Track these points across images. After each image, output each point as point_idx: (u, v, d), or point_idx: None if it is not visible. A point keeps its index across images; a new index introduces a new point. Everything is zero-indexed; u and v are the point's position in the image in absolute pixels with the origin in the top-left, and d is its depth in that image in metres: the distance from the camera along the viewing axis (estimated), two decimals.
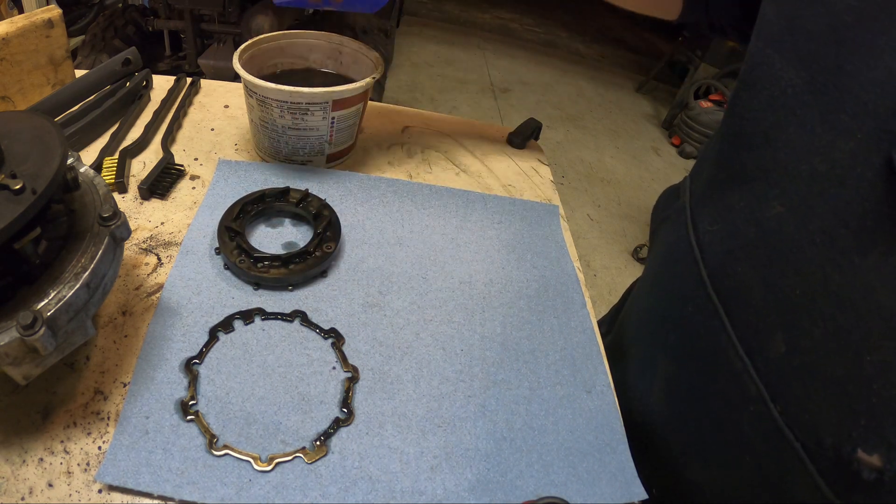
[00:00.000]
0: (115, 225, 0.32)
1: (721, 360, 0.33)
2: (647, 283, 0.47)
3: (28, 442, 0.32)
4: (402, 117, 0.69)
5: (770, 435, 0.29)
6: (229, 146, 0.58)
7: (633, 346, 0.46)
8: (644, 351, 0.44)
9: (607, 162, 2.60)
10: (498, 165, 0.64)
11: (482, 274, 0.48)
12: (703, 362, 0.36)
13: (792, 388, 0.28)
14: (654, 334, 0.43)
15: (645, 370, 0.43)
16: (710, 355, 0.34)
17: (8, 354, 0.27)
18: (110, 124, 0.56)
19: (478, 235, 0.52)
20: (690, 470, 0.38)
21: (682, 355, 0.38)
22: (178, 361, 0.37)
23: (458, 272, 0.48)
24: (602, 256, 2.03)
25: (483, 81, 3.05)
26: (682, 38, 3.06)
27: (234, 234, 0.45)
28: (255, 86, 0.49)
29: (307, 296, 0.43)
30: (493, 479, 0.35)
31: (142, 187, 0.49)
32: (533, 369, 0.42)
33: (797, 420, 0.28)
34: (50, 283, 0.29)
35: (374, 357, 0.40)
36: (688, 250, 0.37)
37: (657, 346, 0.42)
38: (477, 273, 0.48)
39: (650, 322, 0.44)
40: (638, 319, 0.47)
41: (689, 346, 0.37)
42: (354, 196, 0.53)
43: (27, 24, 0.51)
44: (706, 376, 0.35)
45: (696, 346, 0.36)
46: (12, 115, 0.34)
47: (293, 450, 0.34)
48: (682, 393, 0.38)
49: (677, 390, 0.39)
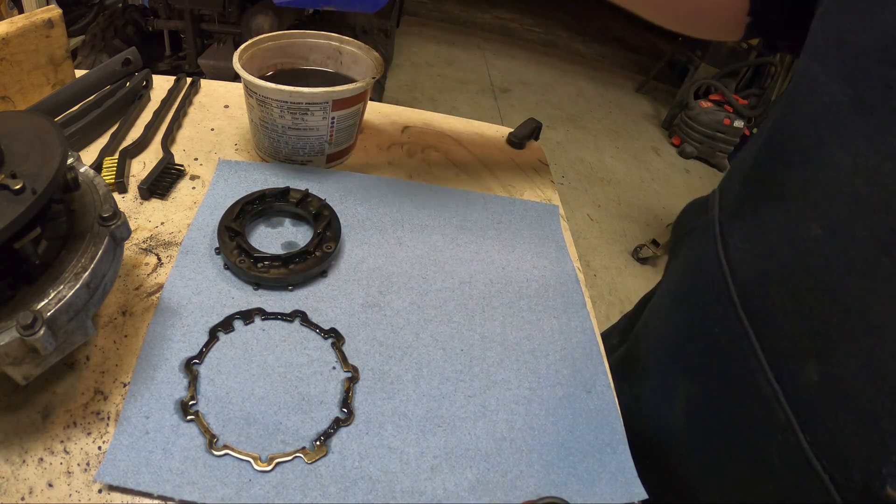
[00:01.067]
0: (115, 225, 0.32)
1: (749, 384, 0.32)
2: (667, 298, 0.45)
3: (28, 442, 0.32)
4: (402, 117, 0.69)
5: (797, 464, 0.28)
6: (229, 146, 0.58)
7: (651, 361, 0.45)
8: (663, 368, 0.43)
9: (607, 162, 2.60)
10: (498, 165, 0.64)
11: (482, 274, 0.48)
12: (729, 385, 0.34)
13: (823, 418, 0.27)
14: (676, 352, 0.41)
15: (663, 388, 0.42)
16: (738, 379, 0.33)
17: (8, 354, 0.27)
18: (110, 124, 0.56)
19: (478, 235, 0.52)
20: (707, 493, 0.36)
21: (706, 376, 0.37)
22: (178, 361, 0.37)
23: (458, 272, 0.48)
24: (602, 256, 2.03)
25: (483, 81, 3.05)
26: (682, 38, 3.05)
27: (234, 234, 0.45)
28: (255, 86, 0.49)
29: (307, 296, 0.43)
30: (493, 479, 0.35)
31: (142, 187, 0.49)
32: (533, 369, 0.42)
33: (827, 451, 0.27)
34: (50, 283, 0.29)
35: (374, 357, 0.40)
36: (716, 267, 0.36)
37: (678, 364, 0.40)
38: (477, 273, 0.48)
39: (671, 339, 0.42)
40: (657, 335, 0.45)
41: (714, 368, 0.36)
42: (354, 196, 0.53)
43: (27, 24, 0.51)
44: (732, 400, 0.34)
45: (722, 369, 0.35)
46: (12, 115, 0.34)
47: (293, 450, 0.34)
48: (705, 415, 0.37)
49: (699, 412, 0.37)
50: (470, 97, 2.87)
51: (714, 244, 0.37)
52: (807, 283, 0.29)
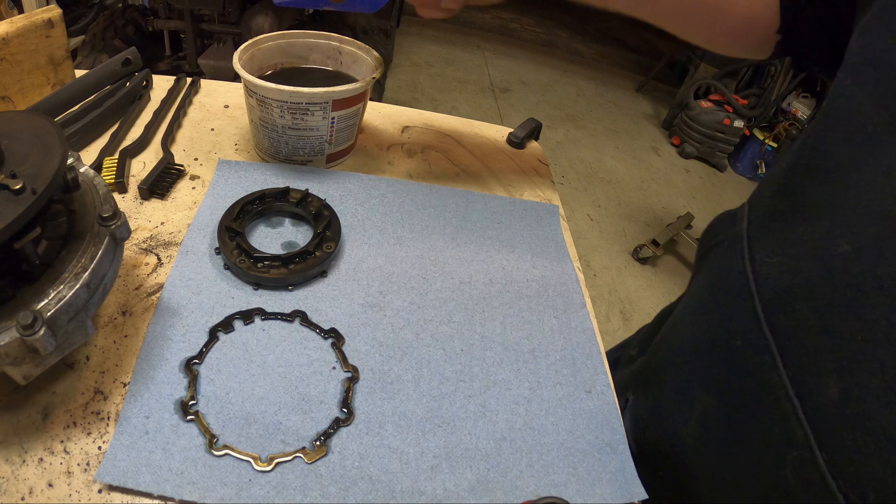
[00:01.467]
0: (115, 225, 0.32)
1: (768, 398, 0.31)
2: (690, 310, 0.45)
3: (28, 442, 0.32)
4: (402, 117, 0.69)
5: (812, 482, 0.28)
6: (229, 146, 0.58)
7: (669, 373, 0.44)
8: (681, 380, 0.42)
9: (607, 162, 2.60)
10: (498, 165, 0.64)
11: (482, 274, 0.48)
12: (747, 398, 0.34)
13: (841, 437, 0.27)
14: (695, 364, 0.41)
15: (681, 399, 0.41)
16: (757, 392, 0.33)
17: (8, 354, 0.27)
18: (110, 124, 0.56)
19: (478, 235, 0.52)
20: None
21: (724, 389, 0.37)
22: (178, 361, 0.37)
23: (458, 272, 0.48)
24: (602, 256, 2.03)
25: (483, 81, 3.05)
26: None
27: (234, 234, 0.45)
28: (255, 86, 0.49)
29: (307, 296, 0.43)
30: (493, 479, 0.35)
31: (142, 187, 0.49)
32: (533, 369, 0.42)
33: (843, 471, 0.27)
34: (50, 283, 0.29)
35: (374, 357, 0.40)
36: (742, 281, 0.35)
37: (697, 376, 0.40)
38: (477, 273, 0.48)
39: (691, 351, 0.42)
40: (677, 346, 0.45)
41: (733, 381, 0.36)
42: (354, 196, 0.53)
43: (27, 24, 0.51)
44: (749, 413, 0.34)
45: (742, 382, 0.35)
46: (12, 115, 0.34)
47: (293, 450, 0.34)
48: (721, 427, 0.36)
49: (716, 424, 0.37)
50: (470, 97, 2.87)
51: (741, 258, 0.36)
52: (832, 299, 0.29)
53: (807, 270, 0.31)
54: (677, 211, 2.26)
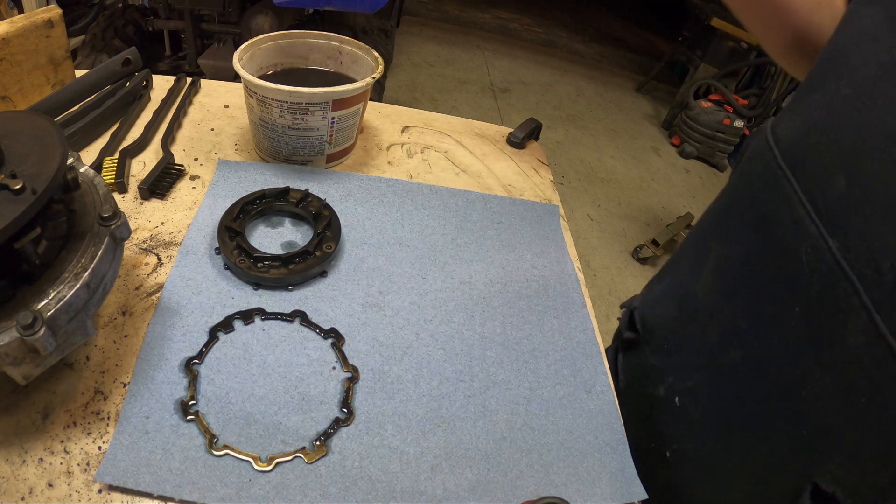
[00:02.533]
0: (115, 225, 0.32)
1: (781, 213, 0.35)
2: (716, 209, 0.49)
3: (28, 442, 0.32)
4: (402, 117, 0.69)
5: (826, 271, 0.30)
6: (229, 146, 0.58)
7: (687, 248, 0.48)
8: (696, 243, 0.46)
9: (607, 162, 2.60)
10: (498, 165, 0.64)
11: (482, 274, 0.48)
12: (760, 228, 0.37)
13: (851, 220, 0.30)
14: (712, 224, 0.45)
15: (695, 260, 0.45)
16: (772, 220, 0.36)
17: (8, 354, 0.27)
18: (110, 124, 0.56)
19: (478, 235, 0.52)
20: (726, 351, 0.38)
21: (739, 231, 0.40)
22: (178, 361, 0.37)
23: (458, 272, 0.48)
24: (602, 256, 2.03)
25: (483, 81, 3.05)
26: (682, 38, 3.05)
27: (234, 234, 0.45)
28: (255, 86, 0.49)
29: (307, 296, 0.43)
30: (493, 479, 0.35)
31: (142, 187, 0.49)
32: (533, 369, 0.42)
33: (854, 250, 0.29)
34: (50, 283, 0.29)
35: (374, 357, 0.40)
36: (765, 147, 0.39)
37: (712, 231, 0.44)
38: (477, 273, 0.48)
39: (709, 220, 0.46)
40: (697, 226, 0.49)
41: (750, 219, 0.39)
42: (354, 196, 0.53)
43: (27, 24, 0.51)
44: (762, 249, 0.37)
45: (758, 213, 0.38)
46: (12, 115, 0.34)
47: (293, 450, 0.34)
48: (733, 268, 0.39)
49: (728, 267, 0.40)
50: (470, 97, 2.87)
51: (767, 143, 0.39)
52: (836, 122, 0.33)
53: (815, 116, 0.35)
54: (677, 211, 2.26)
